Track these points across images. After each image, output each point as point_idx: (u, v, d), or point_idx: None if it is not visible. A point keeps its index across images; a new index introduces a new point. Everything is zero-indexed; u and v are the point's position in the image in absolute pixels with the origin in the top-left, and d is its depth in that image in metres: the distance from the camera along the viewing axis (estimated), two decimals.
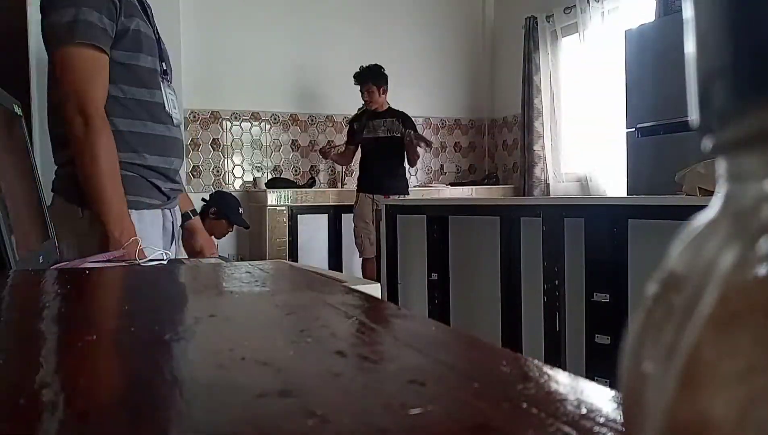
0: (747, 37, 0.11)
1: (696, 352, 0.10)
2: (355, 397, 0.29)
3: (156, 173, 1.48)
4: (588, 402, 0.27)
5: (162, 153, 1.48)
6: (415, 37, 5.43)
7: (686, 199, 1.88)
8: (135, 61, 1.43)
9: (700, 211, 0.13)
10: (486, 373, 0.34)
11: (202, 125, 4.88)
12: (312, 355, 0.37)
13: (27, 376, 0.34)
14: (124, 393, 0.31)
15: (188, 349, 0.41)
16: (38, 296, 0.67)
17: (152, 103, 1.47)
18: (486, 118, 5.82)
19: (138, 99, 1.44)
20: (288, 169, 5.16)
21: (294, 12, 5.03)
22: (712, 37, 0.12)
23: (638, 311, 0.13)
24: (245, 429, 0.25)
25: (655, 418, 0.11)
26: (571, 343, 2.07)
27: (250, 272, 0.80)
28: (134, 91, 1.44)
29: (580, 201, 2.69)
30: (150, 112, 1.46)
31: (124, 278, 0.89)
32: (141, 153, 1.44)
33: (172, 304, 0.68)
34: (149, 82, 1.46)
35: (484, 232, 2.50)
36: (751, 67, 0.11)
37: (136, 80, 1.44)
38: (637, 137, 3.65)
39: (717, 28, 0.11)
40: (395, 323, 0.45)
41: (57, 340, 0.45)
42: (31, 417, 0.27)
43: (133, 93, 1.44)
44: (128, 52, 1.41)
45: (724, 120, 0.12)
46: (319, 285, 0.71)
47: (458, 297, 2.67)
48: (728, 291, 0.10)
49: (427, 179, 5.62)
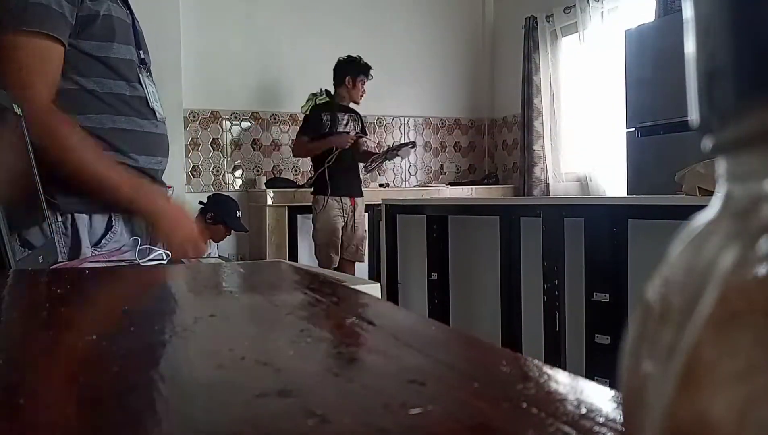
0: (747, 36, 0.11)
1: (696, 352, 0.10)
2: (355, 396, 0.29)
3: (146, 175, 1.34)
4: (588, 402, 0.27)
5: (150, 152, 1.35)
6: (415, 36, 5.43)
7: (686, 199, 1.88)
8: (107, 53, 1.29)
9: (700, 211, 0.13)
10: (486, 372, 0.34)
11: (202, 125, 4.88)
12: (312, 355, 0.37)
13: (26, 376, 0.34)
14: (123, 393, 0.31)
15: (188, 348, 0.41)
16: (37, 296, 0.67)
17: (134, 98, 1.33)
18: (486, 118, 5.82)
19: (117, 93, 1.31)
20: (287, 169, 5.16)
21: (294, 12, 5.03)
22: (712, 36, 0.12)
23: (638, 311, 0.13)
24: (245, 429, 0.25)
25: (655, 418, 0.11)
26: (571, 343, 2.07)
27: (250, 272, 0.80)
28: (112, 84, 1.30)
29: (579, 201, 2.69)
30: (132, 107, 1.33)
31: (124, 278, 0.89)
32: (128, 153, 1.31)
33: (172, 303, 0.68)
34: (127, 74, 1.33)
35: (484, 232, 2.50)
36: (751, 67, 0.11)
37: (113, 73, 1.30)
38: (637, 137, 3.65)
39: (717, 27, 0.11)
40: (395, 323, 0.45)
41: (56, 340, 0.45)
42: (31, 417, 0.27)
43: (111, 86, 1.30)
44: (99, 42, 1.27)
45: (724, 120, 0.12)
46: (319, 285, 0.71)
47: (458, 297, 2.67)
48: (728, 291, 0.10)
49: (426, 179, 5.62)
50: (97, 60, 1.28)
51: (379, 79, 5.46)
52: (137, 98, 1.35)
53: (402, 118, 5.53)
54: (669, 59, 3.23)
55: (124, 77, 1.32)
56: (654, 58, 3.46)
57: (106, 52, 1.29)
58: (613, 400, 0.27)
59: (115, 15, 1.30)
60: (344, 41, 5.18)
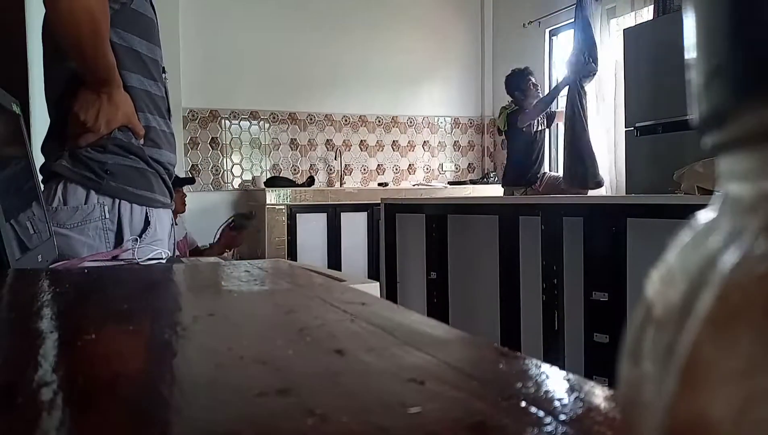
0: (746, 36, 0.11)
1: (695, 351, 0.10)
2: (354, 395, 0.29)
3: (168, 170, 1.44)
4: (587, 401, 0.27)
5: (171, 149, 1.45)
6: (415, 35, 5.43)
7: (685, 198, 1.88)
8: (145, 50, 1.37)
9: (699, 210, 0.13)
10: (485, 371, 0.34)
11: (201, 124, 4.88)
12: (311, 354, 0.37)
13: (25, 375, 0.34)
14: (122, 392, 0.31)
15: (187, 348, 0.41)
16: (37, 295, 0.67)
17: (159, 97, 1.42)
18: (485, 117, 5.82)
19: (147, 90, 1.39)
20: (287, 168, 5.16)
21: (294, 11, 5.03)
22: (711, 36, 0.12)
23: (637, 310, 0.13)
24: (244, 428, 0.25)
25: (655, 417, 0.11)
26: (570, 342, 2.07)
27: (249, 271, 0.80)
28: (147, 83, 1.38)
29: (578, 200, 2.70)
30: (158, 106, 1.41)
31: (123, 277, 0.89)
32: (161, 149, 1.40)
33: (171, 303, 0.68)
34: (155, 74, 1.41)
35: (483, 231, 2.50)
36: (751, 66, 0.11)
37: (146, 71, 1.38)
38: (636, 136, 3.65)
39: (716, 27, 0.11)
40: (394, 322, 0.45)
41: (55, 339, 0.45)
42: (30, 416, 0.27)
43: (146, 85, 1.38)
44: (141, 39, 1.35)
45: (724, 119, 0.12)
46: (318, 284, 0.71)
47: (457, 296, 2.67)
48: (727, 290, 0.10)
49: (426, 178, 5.63)
50: (137, 56, 1.34)
51: (379, 79, 5.46)
52: (161, 98, 1.42)
53: (402, 117, 5.53)
54: (667, 59, 3.23)
55: (153, 77, 1.39)
56: (652, 58, 3.46)
57: (144, 50, 1.36)
58: (612, 399, 0.27)
59: (149, 15, 1.37)
60: (344, 41, 5.19)
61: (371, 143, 5.45)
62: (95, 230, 1.31)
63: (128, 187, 1.34)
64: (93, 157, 1.32)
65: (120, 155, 1.34)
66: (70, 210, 1.30)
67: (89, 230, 1.31)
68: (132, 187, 1.35)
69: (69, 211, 1.30)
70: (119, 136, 1.34)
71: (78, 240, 1.30)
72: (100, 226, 1.32)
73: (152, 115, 1.40)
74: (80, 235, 1.30)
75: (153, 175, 1.39)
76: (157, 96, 1.41)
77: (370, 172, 5.46)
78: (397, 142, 5.54)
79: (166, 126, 1.45)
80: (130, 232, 1.33)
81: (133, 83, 1.35)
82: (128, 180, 1.34)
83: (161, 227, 1.40)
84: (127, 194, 1.34)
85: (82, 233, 1.31)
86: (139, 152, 1.36)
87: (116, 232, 1.33)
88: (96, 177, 1.31)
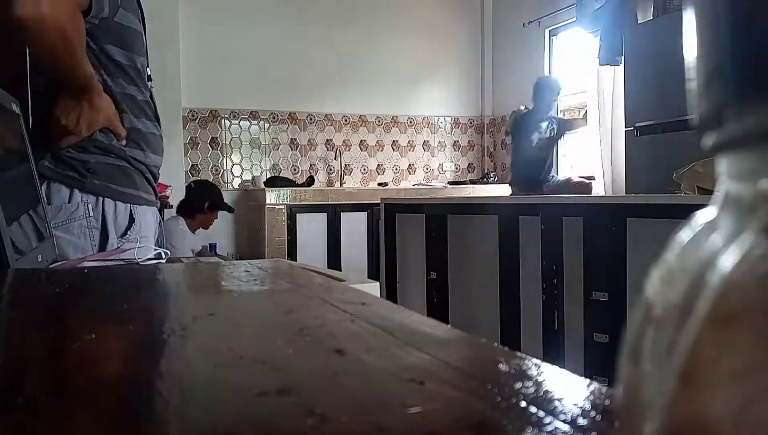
0: (746, 36, 0.11)
1: (695, 350, 0.10)
2: (354, 395, 0.29)
3: (152, 171, 1.46)
4: (587, 401, 0.27)
5: (156, 152, 1.47)
6: (415, 35, 5.43)
7: (684, 198, 1.88)
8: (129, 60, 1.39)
9: (699, 210, 0.13)
10: (485, 371, 0.34)
11: (201, 124, 4.88)
12: (311, 354, 0.37)
13: (25, 376, 0.34)
14: (122, 392, 0.31)
15: (187, 347, 0.41)
16: (36, 295, 0.67)
17: (144, 102, 1.45)
18: (485, 117, 5.82)
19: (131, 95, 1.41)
20: (287, 168, 5.16)
21: (293, 11, 5.02)
22: (711, 36, 0.12)
23: (637, 310, 0.13)
24: (244, 427, 0.25)
25: (655, 417, 0.11)
26: (570, 342, 2.07)
27: (249, 271, 0.80)
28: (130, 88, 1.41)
29: (578, 200, 2.70)
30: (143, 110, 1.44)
31: (123, 277, 0.89)
32: (146, 151, 1.42)
33: (171, 302, 0.68)
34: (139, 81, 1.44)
35: (483, 231, 2.50)
36: (751, 66, 0.11)
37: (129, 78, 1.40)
38: (636, 136, 3.66)
39: (716, 27, 0.11)
40: (394, 322, 0.45)
41: (55, 339, 0.45)
42: (29, 416, 0.27)
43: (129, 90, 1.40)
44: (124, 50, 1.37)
45: (724, 119, 0.12)
46: (318, 283, 0.71)
47: (457, 295, 2.67)
48: (727, 290, 0.10)
49: (425, 178, 5.63)
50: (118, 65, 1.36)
51: (379, 79, 5.46)
52: (146, 102, 1.44)
53: (402, 117, 5.53)
54: (667, 58, 3.23)
55: (136, 83, 1.41)
56: (653, 58, 3.46)
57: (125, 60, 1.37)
58: (611, 398, 0.27)
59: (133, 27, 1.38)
60: (344, 41, 5.18)
61: (371, 143, 5.45)
62: (80, 229, 1.32)
63: (111, 185, 1.35)
64: (75, 156, 1.33)
65: (101, 154, 1.36)
66: (54, 209, 1.31)
67: (74, 229, 1.32)
68: (115, 184, 1.36)
69: (53, 211, 1.30)
70: (100, 138, 1.35)
71: (63, 239, 1.30)
72: (85, 225, 1.32)
73: (137, 118, 1.41)
74: (65, 234, 1.31)
75: (136, 173, 1.41)
76: (142, 100, 1.43)
77: (370, 172, 5.46)
78: (397, 142, 5.54)
79: (156, 129, 1.47)
80: (114, 229, 1.35)
81: (116, 88, 1.37)
82: (111, 178, 1.35)
83: (146, 224, 1.41)
84: (111, 192, 1.35)
85: (67, 232, 1.31)
86: (120, 153, 1.38)
87: (101, 230, 1.34)
88: (79, 176, 1.32)
